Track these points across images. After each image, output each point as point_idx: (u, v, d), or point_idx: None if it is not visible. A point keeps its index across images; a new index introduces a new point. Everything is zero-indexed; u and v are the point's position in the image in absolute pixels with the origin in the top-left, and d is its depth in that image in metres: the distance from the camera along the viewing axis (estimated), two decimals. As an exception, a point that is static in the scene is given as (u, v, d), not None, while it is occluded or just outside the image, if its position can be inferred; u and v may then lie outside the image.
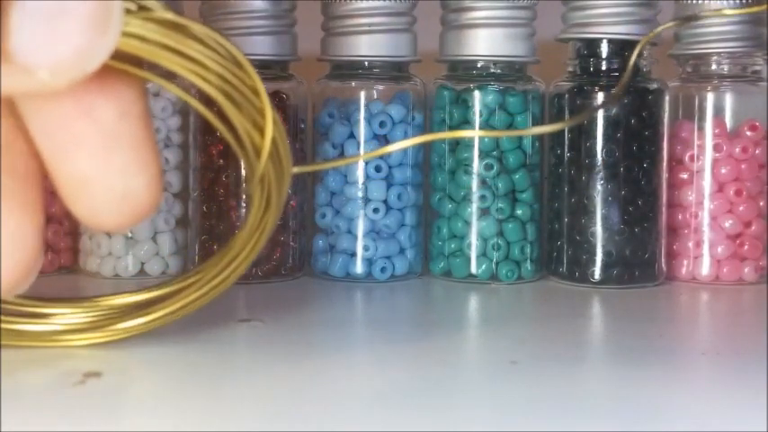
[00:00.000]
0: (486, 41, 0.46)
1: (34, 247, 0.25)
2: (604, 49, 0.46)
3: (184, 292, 0.31)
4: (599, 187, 0.45)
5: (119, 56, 0.24)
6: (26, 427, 0.25)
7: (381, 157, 0.46)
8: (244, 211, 0.46)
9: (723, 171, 0.46)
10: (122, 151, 0.25)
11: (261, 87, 0.27)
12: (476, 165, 0.46)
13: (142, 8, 0.24)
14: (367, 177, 0.46)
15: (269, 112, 0.27)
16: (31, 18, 0.23)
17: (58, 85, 0.23)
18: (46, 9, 0.23)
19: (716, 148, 0.46)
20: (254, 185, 0.28)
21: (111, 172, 0.25)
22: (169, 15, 0.24)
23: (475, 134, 0.45)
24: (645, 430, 0.25)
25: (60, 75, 0.23)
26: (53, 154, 0.25)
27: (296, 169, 0.29)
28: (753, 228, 0.47)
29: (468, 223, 0.46)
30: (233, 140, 0.28)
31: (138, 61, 0.25)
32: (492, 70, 0.46)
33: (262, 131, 0.27)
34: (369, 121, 0.46)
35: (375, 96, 0.47)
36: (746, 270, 0.47)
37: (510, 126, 0.46)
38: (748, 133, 0.47)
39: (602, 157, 0.45)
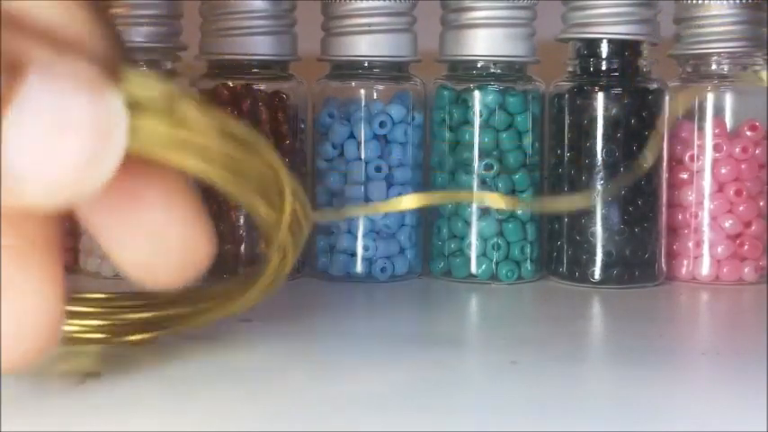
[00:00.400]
0: (486, 41, 0.46)
1: (55, 316, 0.24)
2: (604, 49, 0.46)
3: (190, 318, 0.31)
4: (599, 187, 0.45)
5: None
6: (26, 427, 0.25)
7: (381, 157, 0.46)
8: (244, 210, 0.45)
9: (723, 171, 0.46)
10: (179, 227, 0.25)
11: (278, 164, 0.25)
12: (476, 165, 0.46)
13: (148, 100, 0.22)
14: (367, 178, 0.46)
15: (288, 190, 0.26)
16: (28, 130, 0.21)
17: (53, 205, 0.22)
18: (45, 122, 0.21)
19: (716, 148, 0.46)
20: (272, 252, 0.28)
21: (173, 249, 0.25)
22: (178, 115, 0.22)
23: (472, 199, 0.45)
24: (645, 430, 0.25)
25: (54, 195, 0.21)
26: (110, 245, 0.25)
27: (317, 215, 0.28)
28: (753, 228, 0.47)
29: (468, 223, 0.46)
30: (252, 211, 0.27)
31: None
32: (492, 70, 0.46)
33: (282, 205, 0.26)
34: (369, 121, 0.46)
35: (375, 96, 0.46)
36: (746, 270, 0.47)
37: (510, 126, 0.46)
38: (748, 133, 0.47)
39: (602, 157, 0.45)
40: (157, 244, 0.25)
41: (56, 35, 0.21)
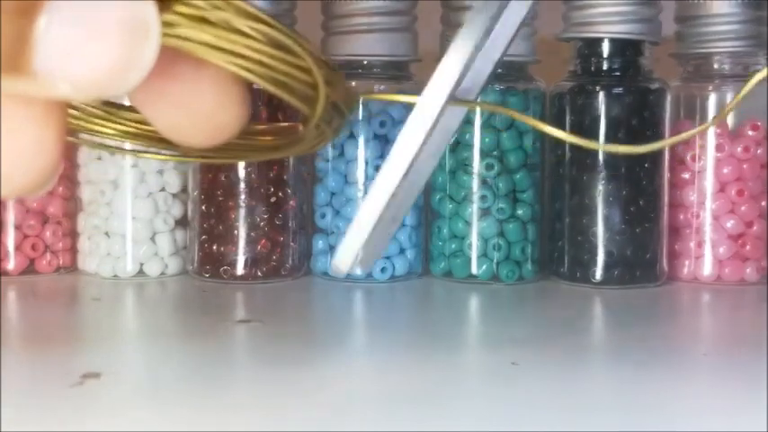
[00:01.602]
0: (486, 41, 0.46)
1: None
2: (605, 48, 0.46)
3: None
4: (600, 187, 0.45)
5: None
6: (26, 427, 0.25)
7: (381, 157, 0.46)
8: (243, 211, 0.45)
9: (725, 171, 0.46)
10: (207, 96, 0.25)
11: (311, 61, 0.25)
12: (476, 164, 0.45)
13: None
14: (367, 178, 0.46)
15: (321, 85, 0.26)
16: (61, 34, 0.21)
17: (84, 99, 0.22)
18: (77, 27, 0.21)
19: (718, 147, 0.46)
20: (308, 132, 0.28)
21: (203, 115, 0.26)
22: (213, 17, 0.23)
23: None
24: (645, 430, 0.25)
25: (84, 94, 0.22)
26: (147, 113, 0.26)
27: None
28: (754, 228, 0.47)
29: (468, 223, 0.46)
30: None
31: None
32: (493, 70, 0.46)
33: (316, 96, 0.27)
34: (369, 121, 0.46)
35: (375, 96, 0.46)
36: (748, 270, 0.46)
37: (511, 125, 0.46)
38: (750, 133, 0.47)
39: (603, 156, 0.45)
40: (189, 112, 0.26)
41: None
